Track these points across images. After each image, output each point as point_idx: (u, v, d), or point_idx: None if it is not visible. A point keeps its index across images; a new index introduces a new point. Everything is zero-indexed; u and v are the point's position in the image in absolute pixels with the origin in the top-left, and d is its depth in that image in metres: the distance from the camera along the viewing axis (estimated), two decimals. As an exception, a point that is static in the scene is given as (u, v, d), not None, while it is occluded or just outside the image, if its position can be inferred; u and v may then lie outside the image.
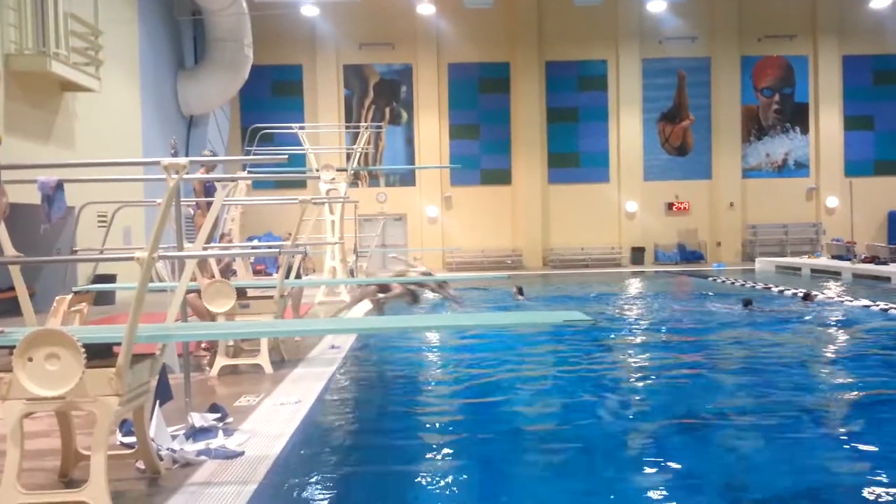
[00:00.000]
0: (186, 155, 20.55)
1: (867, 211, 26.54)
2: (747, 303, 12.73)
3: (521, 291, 15.50)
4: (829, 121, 27.62)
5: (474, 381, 7.53)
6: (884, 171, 27.69)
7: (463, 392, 7.14)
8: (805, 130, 27.90)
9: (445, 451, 5.15)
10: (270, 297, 7.33)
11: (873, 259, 19.47)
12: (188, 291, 6.98)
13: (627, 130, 27.35)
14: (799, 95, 27.92)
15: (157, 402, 4.29)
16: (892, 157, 27.80)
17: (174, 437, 4.48)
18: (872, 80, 27.78)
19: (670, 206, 27.57)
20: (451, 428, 5.84)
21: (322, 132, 23.16)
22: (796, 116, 27.94)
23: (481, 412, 6.32)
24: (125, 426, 4.62)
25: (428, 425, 5.88)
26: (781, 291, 15.18)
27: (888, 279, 16.63)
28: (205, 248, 5.92)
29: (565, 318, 4.58)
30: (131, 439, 4.33)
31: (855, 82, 27.68)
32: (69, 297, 4.72)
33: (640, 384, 7.26)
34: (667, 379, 7.45)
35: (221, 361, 6.89)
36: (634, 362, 8.33)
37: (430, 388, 7.39)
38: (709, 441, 5.35)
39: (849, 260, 19.99)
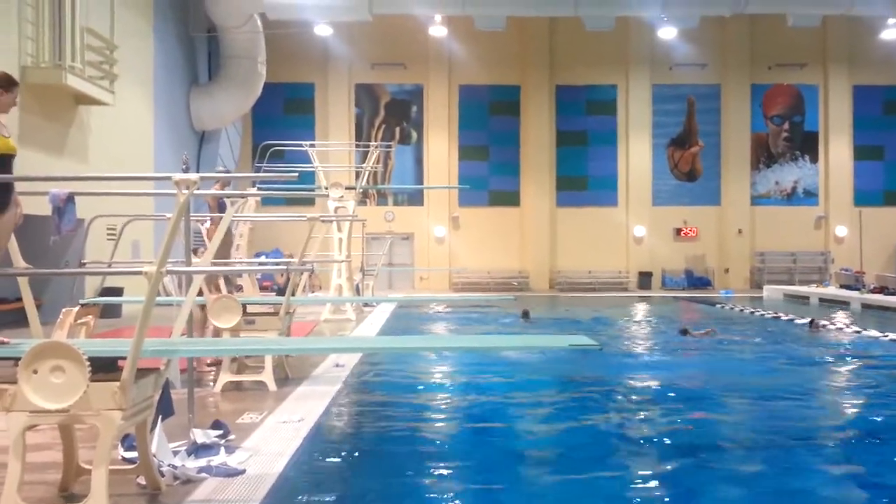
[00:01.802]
0: (198, 170, 20.72)
1: (877, 241, 26.47)
2: (684, 332, 12.59)
3: (526, 315, 15.32)
4: (838, 150, 27.62)
5: (478, 403, 7.49)
6: (894, 202, 27.62)
7: (467, 413, 7.09)
8: (815, 159, 27.89)
9: (449, 473, 5.11)
10: (276, 314, 7.33)
11: (882, 289, 19.33)
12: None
13: (636, 155, 27.41)
14: (809, 124, 27.95)
15: (160, 417, 4.28)
16: (903, 187, 27.76)
17: (176, 454, 4.46)
18: (882, 111, 27.82)
19: (678, 231, 27.54)
20: (454, 449, 5.79)
21: (332, 150, 23.33)
22: (806, 145, 27.95)
23: (485, 433, 6.28)
24: (127, 441, 4.60)
25: (431, 446, 5.84)
26: (792, 320, 15.08)
27: (897, 310, 16.48)
28: (213, 264, 5.93)
29: (571, 343, 4.55)
30: (133, 454, 4.31)
31: (865, 112, 27.71)
32: (76, 309, 4.73)
33: (646, 410, 7.19)
34: (673, 405, 7.38)
35: (225, 378, 6.87)
36: (640, 388, 8.26)
37: (433, 408, 7.34)
38: (712, 469, 5.28)
39: (857, 290, 19.84)
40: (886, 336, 12.17)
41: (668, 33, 24.44)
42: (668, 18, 22.61)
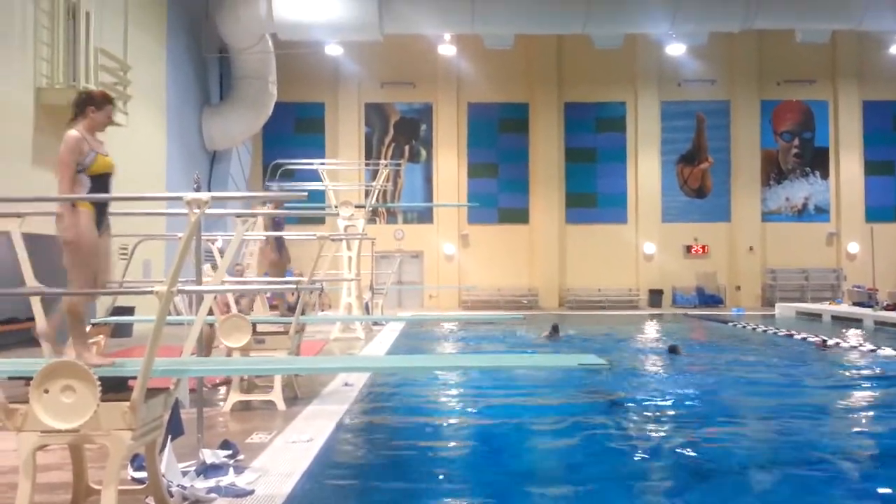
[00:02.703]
0: (209, 190, 20.87)
1: (889, 257, 26.22)
2: (673, 349, 12.49)
3: (556, 330, 15.28)
4: (849, 166, 27.50)
5: (488, 422, 7.44)
6: (906, 218, 27.41)
7: (477, 433, 7.04)
8: (825, 175, 27.78)
9: (458, 493, 5.07)
10: (286, 333, 7.33)
11: (896, 306, 19.17)
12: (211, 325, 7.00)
13: (646, 172, 27.39)
14: (819, 140, 27.88)
15: (169, 437, 4.27)
16: (914, 202, 27.58)
17: (185, 474, 4.45)
18: (893, 126, 27.72)
19: (689, 248, 27.42)
20: (464, 469, 5.75)
21: (342, 169, 23.44)
22: (816, 161, 27.85)
23: (495, 453, 6.23)
24: (137, 461, 4.60)
25: (440, 466, 5.80)
26: (805, 338, 14.95)
27: (912, 327, 16.31)
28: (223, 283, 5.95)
29: (580, 362, 4.53)
30: (142, 474, 4.30)
31: (875, 127, 27.62)
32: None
33: (655, 430, 7.13)
34: (682, 425, 7.31)
35: (234, 397, 6.87)
36: (650, 407, 8.19)
37: (443, 427, 7.30)
38: (724, 489, 5.22)
39: (870, 307, 19.67)
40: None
41: (676, 50, 24.50)
42: (676, 35, 22.69)
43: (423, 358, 9.36)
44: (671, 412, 7.94)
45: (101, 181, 4.44)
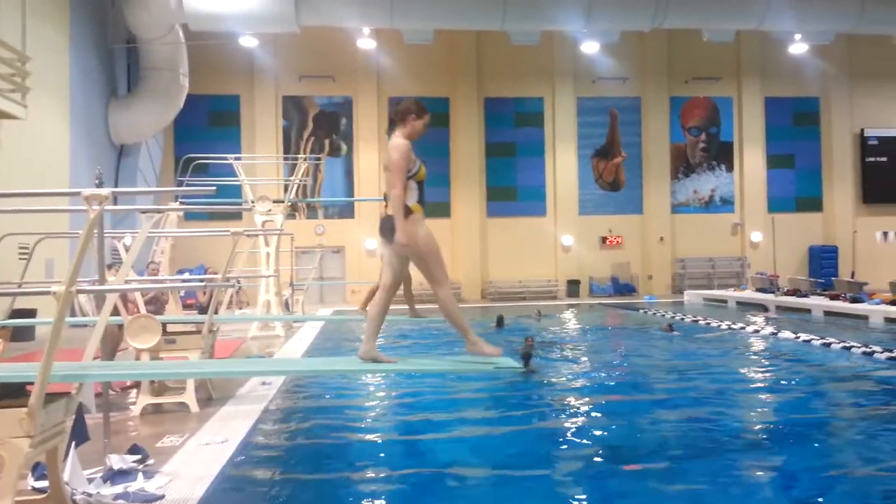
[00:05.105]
0: (116, 185, 20.07)
1: (789, 246, 27.87)
2: (537, 317, 13.10)
3: (500, 322, 15.57)
4: (752, 159, 28.95)
5: (410, 420, 7.48)
6: (804, 208, 29.13)
7: (398, 431, 7.06)
8: (730, 168, 29.14)
9: (378, 493, 5.09)
10: (198, 333, 7.16)
11: (795, 292, 20.33)
12: (119, 326, 6.76)
13: (563, 166, 28.02)
14: (724, 135, 29.21)
15: (73, 443, 4.13)
16: (812, 194, 29.31)
17: (90, 481, 4.31)
18: (792, 121, 29.34)
19: (604, 239, 28.26)
20: (384, 470, 5.73)
21: (259, 163, 22.95)
22: (722, 154, 29.18)
23: (417, 453, 6.25)
24: (38, 469, 4.42)
25: (360, 467, 5.77)
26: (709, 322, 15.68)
27: (809, 311, 17.37)
28: (127, 281, 5.75)
29: (496, 366, 4.62)
30: (44, 483, 4.14)
31: (776, 123, 29.17)
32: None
33: (579, 421, 7.35)
34: (606, 415, 7.56)
35: (144, 400, 6.67)
36: (571, 398, 8.43)
37: (363, 425, 7.28)
38: (647, 480, 5.42)
39: (772, 293, 20.80)
40: (798, 337, 12.81)
41: (590, 48, 25.11)
42: (590, 33, 23.26)
43: (340, 361, 9.31)
44: (588, 397, 8.19)
45: (422, 188, 4.79)
